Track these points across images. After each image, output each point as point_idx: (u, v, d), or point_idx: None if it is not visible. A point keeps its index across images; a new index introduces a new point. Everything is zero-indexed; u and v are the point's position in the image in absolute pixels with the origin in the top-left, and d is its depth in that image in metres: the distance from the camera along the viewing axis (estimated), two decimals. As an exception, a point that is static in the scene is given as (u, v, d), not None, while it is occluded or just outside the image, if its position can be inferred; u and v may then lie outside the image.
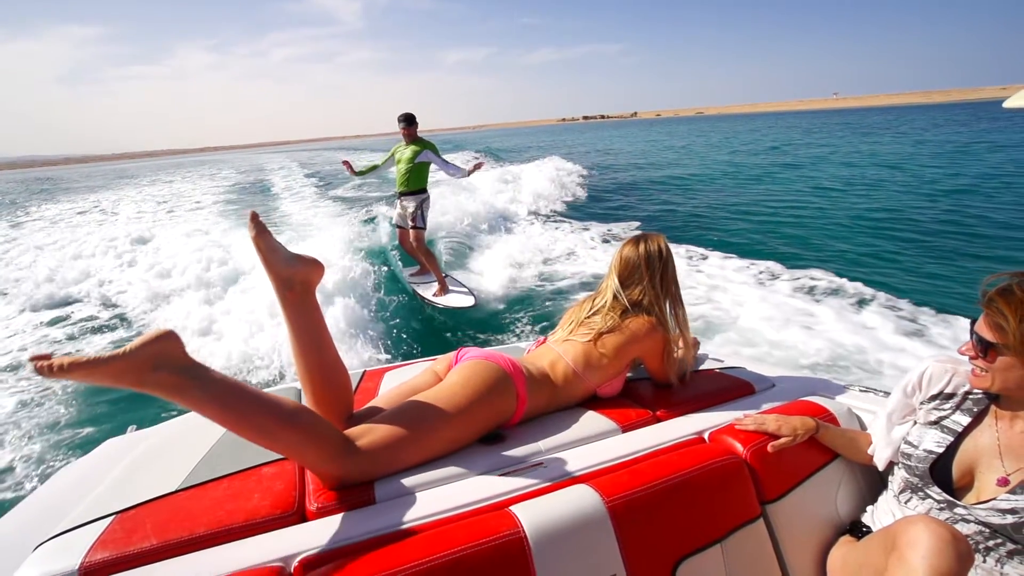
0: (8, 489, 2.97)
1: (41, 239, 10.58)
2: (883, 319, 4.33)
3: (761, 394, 1.57)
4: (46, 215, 16.37)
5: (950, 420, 1.12)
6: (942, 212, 8.34)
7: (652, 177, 15.77)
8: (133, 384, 0.93)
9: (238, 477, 1.18)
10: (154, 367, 0.94)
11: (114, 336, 5.47)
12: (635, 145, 33.23)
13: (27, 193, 27.02)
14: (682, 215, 9.86)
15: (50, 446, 3.37)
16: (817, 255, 6.41)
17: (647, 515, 1.06)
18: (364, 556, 0.90)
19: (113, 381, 0.91)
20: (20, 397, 4.13)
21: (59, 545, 0.99)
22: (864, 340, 3.99)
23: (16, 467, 3.17)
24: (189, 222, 11.54)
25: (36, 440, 3.45)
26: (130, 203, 18.04)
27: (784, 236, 7.64)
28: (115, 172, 53.91)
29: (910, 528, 0.89)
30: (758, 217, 9.17)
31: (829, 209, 9.32)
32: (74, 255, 8.13)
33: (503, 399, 1.32)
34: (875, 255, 6.37)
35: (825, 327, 4.27)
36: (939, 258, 6.08)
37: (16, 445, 3.39)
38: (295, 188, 18.17)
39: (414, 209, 5.03)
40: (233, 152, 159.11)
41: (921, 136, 24.52)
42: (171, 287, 6.23)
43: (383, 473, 1.14)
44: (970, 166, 13.39)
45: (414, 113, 4.95)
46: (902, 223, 7.81)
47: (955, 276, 5.39)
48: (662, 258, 1.56)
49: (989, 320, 0.99)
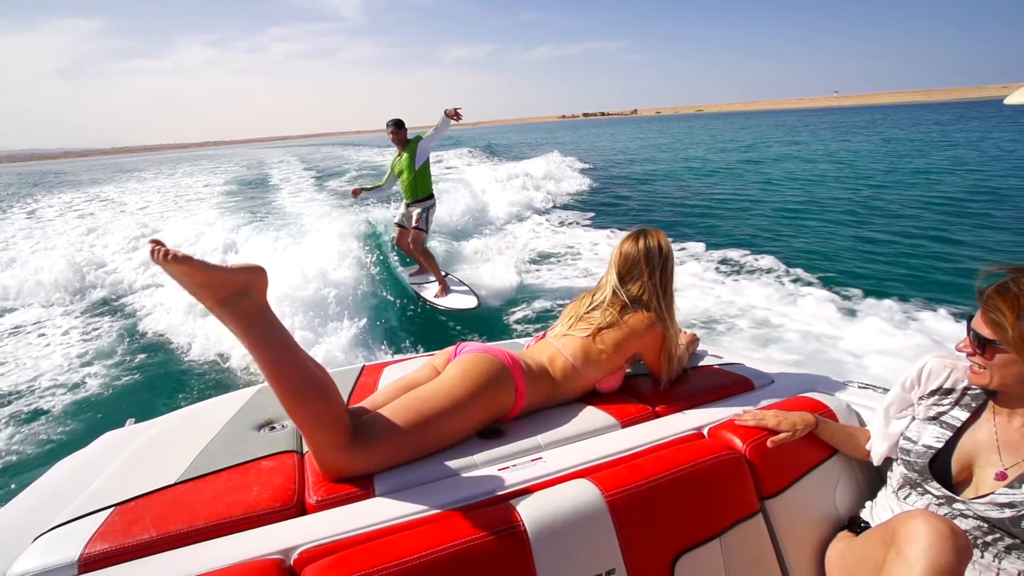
0: (7, 480, 2.97)
1: (61, 226, 10.69)
2: (765, 287, 5.48)
3: (760, 390, 1.57)
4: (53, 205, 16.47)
5: (949, 416, 1.12)
6: (853, 202, 10.00)
7: (624, 172, 17.07)
8: (217, 299, 1.00)
9: (237, 470, 1.18)
10: (242, 293, 1.02)
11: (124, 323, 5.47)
12: (619, 143, 34.20)
13: (37, 186, 27.09)
14: (633, 206, 11.07)
15: (49, 438, 3.38)
16: (732, 238, 7.80)
17: (646, 510, 1.06)
18: (363, 549, 0.90)
19: (205, 289, 0.98)
20: (19, 388, 4.13)
21: (58, 536, 0.99)
22: (737, 299, 5.11)
23: (15, 458, 3.18)
24: (194, 213, 11.61)
25: (35, 431, 3.46)
26: (136, 195, 18.20)
27: (711, 220, 9.26)
28: (115, 166, 53.88)
29: (909, 522, 0.89)
30: (694, 205, 10.92)
31: (762, 199, 10.96)
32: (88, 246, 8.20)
33: (501, 392, 1.32)
34: (780, 235, 7.88)
35: (718, 292, 5.43)
36: (828, 238, 7.65)
37: (15, 436, 3.39)
38: (293, 179, 18.35)
39: (420, 212, 5.04)
40: (233, 147, 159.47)
41: (892, 135, 26.18)
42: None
43: (382, 466, 1.14)
44: (909, 162, 15.16)
45: (402, 119, 4.93)
46: (818, 210, 9.48)
47: (831, 253, 6.82)
48: (662, 254, 1.56)
49: (986, 317, 0.99)
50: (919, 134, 25.61)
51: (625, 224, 9.05)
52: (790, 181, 13.30)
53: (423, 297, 5.15)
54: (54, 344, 5.15)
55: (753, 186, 12.99)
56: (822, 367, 3.25)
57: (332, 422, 1.08)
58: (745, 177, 14.61)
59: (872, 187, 11.42)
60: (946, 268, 5.90)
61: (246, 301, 1.02)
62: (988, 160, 14.54)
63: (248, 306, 1.02)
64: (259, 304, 1.04)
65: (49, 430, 3.47)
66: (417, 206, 5.04)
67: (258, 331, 1.02)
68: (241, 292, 1.01)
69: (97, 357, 4.76)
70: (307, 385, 1.05)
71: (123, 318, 5.72)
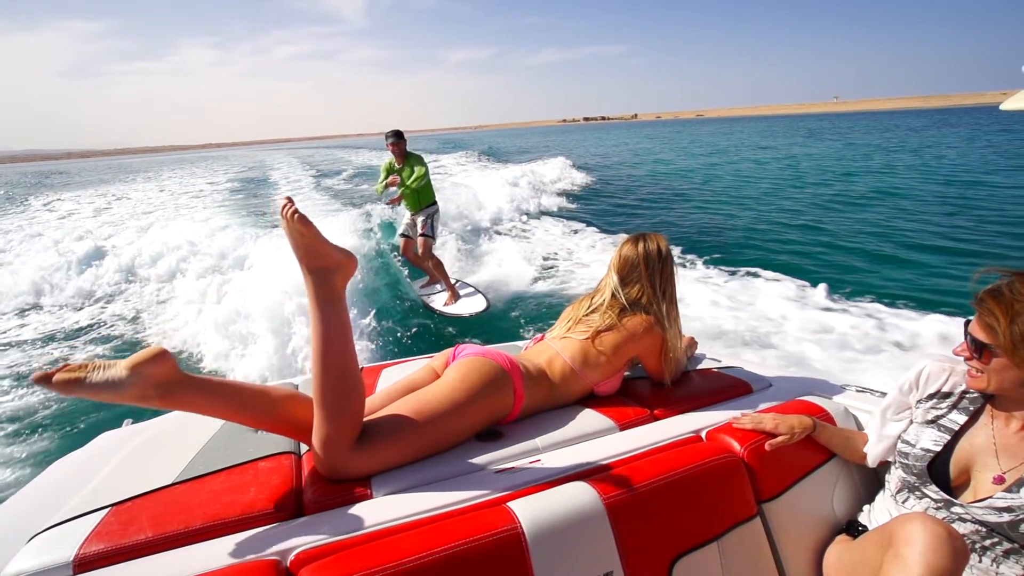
0: (4, 481, 2.96)
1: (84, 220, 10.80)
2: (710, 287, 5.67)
3: (758, 393, 1.57)
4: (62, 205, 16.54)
5: (947, 419, 1.12)
6: (779, 200, 11.30)
7: (624, 175, 17.98)
8: (312, 267, 1.10)
9: (235, 471, 1.17)
10: (333, 270, 1.11)
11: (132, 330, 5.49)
12: (604, 148, 34.68)
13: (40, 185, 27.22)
14: (635, 211, 11.61)
15: (45, 438, 3.37)
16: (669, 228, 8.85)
17: (644, 512, 1.06)
18: (360, 550, 0.90)
19: (308, 255, 1.09)
20: (15, 390, 4.12)
21: (54, 536, 0.99)
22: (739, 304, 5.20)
23: (12, 459, 3.16)
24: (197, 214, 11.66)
25: (31, 432, 3.44)
26: (140, 193, 18.34)
27: (650, 214, 10.58)
28: (118, 167, 53.96)
29: (906, 525, 0.89)
30: (648, 201, 12.12)
31: (708, 198, 12.11)
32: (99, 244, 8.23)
33: (500, 396, 1.32)
34: (706, 230, 8.76)
35: (720, 298, 5.38)
36: (747, 228, 8.77)
37: (11, 437, 3.38)
38: (293, 177, 18.43)
39: (425, 219, 5.01)
40: (235, 149, 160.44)
41: (853, 140, 27.65)
42: None
43: (380, 468, 1.14)
44: (845, 166, 16.43)
45: (401, 130, 4.89)
46: (741, 207, 10.75)
47: (756, 244, 7.69)
48: (661, 257, 1.56)
49: (981, 321, 0.99)
50: (879, 140, 26.97)
51: (627, 229, 9.18)
52: (739, 182, 14.56)
53: (432, 307, 5.11)
54: (54, 342, 5.15)
55: (697, 186, 14.34)
56: (820, 371, 3.26)
57: (350, 419, 1.11)
58: (694, 178, 15.92)
59: (797, 187, 12.69)
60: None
61: (333, 278, 1.11)
62: (916, 165, 15.79)
63: (332, 284, 1.11)
64: (340, 287, 1.13)
65: (46, 430, 3.46)
66: (421, 214, 5.02)
67: (330, 309, 1.11)
68: (333, 269, 1.11)
69: (95, 358, 4.74)
70: (347, 376, 1.10)
71: (122, 319, 5.72)
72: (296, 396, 1.20)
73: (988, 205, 9.33)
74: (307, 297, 1.13)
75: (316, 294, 1.11)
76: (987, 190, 10.82)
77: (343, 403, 1.10)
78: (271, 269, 5.39)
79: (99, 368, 0.94)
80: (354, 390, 1.12)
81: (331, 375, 1.09)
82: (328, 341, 1.10)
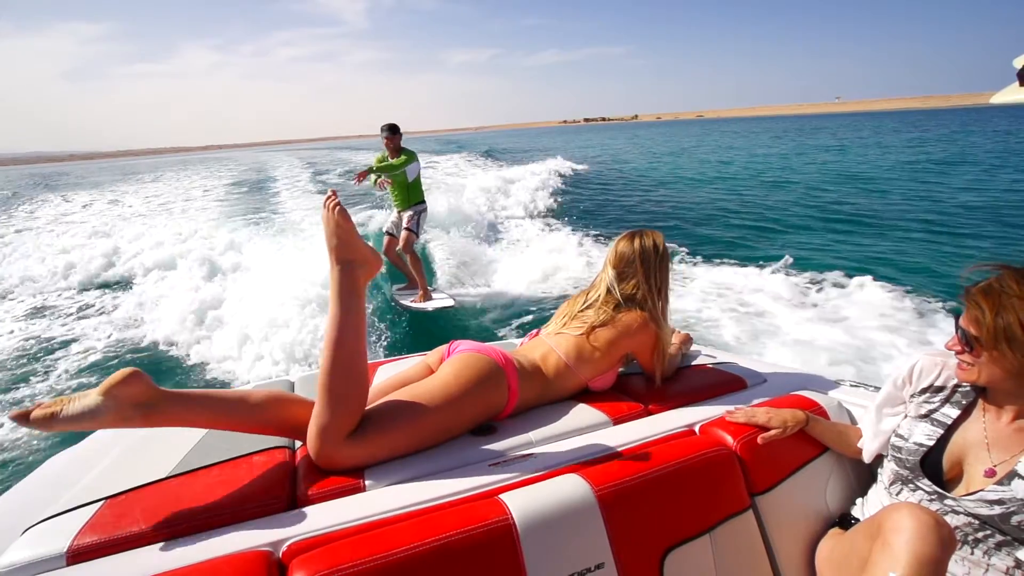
0: (1, 476, 2.97)
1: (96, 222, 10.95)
2: (766, 288, 5.48)
3: (752, 388, 1.57)
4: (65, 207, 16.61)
5: (940, 413, 1.12)
6: (735, 195, 12.16)
7: (624, 176, 18.23)
8: (342, 259, 1.17)
9: (229, 465, 1.18)
10: (360, 265, 1.19)
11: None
12: (598, 149, 34.83)
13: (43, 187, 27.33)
14: (632, 211, 11.81)
15: (42, 436, 3.37)
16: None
17: (636, 505, 1.06)
18: (352, 542, 0.90)
19: (341, 246, 1.17)
20: (15, 384, 4.14)
21: (48, 528, 0.99)
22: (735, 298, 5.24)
23: (9, 454, 3.17)
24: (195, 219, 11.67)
25: (28, 430, 3.45)
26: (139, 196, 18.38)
27: (651, 214, 10.88)
28: (121, 168, 54.10)
29: (894, 514, 0.89)
30: (649, 201, 12.41)
31: (677, 194, 12.90)
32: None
33: (495, 391, 1.33)
34: (707, 226, 9.12)
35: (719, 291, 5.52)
36: (706, 220, 9.55)
37: (9, 432, 3.39)
38: (293, 176, 18.52)
39: (412, 215, 5.01)
40: (237, 150, 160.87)
41: (836, 142, 28.51)
42: None
43: (372, 460, 1.14)
44: (801, 167, 17.39)
45: (398, 124, 4.91)
46: (699, 202, 11.61)
47: (718, 236, 8.16)
48: (657, 253, 1.56)
49: (970, 314, 1.00)
50: (838, 141, 28.39)
51: (625, 227, 9.17)
52: (705, 179, 15.29)
53: (401, 303, 5.10)
54: (53, 342, 5.16)
55: (674, 181, 15.23)
56: (814, 366, 3.25)
57: (352, 408, 1.13)
58: (666, 173, 17.00)
59: (748, 184, 13.49)
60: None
61: (358, 273, 1.18)
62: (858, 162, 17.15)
63: (356, 277, 1.18)
64: (363, 282, 1.20)
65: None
66: (409, 210, 5.02)
67: (350, 301, 1.16)
68: (360, 264, 1.19)
69: (93, 354, 4.77)
70: (355, 367, 1.14)
71: (122, 316, 5.73)
72: (279, 396, 1.21)
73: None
74: (329, 288, 1.19)
75: (340, 283, 1.16)
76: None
77: (349, 391, 1.12)
78: (270, 270, 5.40)
79: (72, 400, 0.98)
80: (360, 380, 1.15)
81: (342, 363, 1.12)
82: (344, 330, 1.14)
